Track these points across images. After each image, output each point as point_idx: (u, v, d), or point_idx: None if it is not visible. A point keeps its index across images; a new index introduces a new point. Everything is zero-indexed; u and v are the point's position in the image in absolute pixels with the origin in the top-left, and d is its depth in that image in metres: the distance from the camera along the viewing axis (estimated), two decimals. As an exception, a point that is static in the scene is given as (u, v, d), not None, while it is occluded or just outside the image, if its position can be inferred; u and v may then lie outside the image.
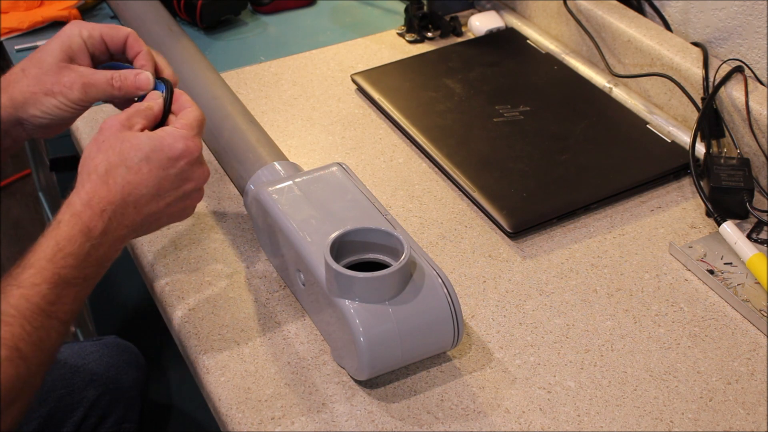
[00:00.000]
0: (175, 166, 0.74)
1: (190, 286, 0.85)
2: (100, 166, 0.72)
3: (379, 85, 1.11)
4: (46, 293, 0.68)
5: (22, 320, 0.66)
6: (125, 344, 1.15)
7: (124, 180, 0.72)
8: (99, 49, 0.81)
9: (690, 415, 0.74)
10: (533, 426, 0.73)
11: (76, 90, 0.78)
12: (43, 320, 0.67)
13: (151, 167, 0.73)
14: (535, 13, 1.23)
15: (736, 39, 1.03)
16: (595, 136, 1.02)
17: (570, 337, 0.80)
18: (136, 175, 0.72)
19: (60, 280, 0.69)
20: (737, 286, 0.84)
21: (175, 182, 0.74)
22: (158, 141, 0.73)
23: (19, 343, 0.66)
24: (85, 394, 1.05)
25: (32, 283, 0.68)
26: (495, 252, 0.89)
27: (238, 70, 1.17)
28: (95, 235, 0.70)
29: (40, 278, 0.68)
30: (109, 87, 0.78)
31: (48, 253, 0.69)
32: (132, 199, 0.72)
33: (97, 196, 0.71)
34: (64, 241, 0.69)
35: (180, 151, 0.74)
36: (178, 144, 0.74)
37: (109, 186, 0.71)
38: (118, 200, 0.71)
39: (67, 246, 0.69)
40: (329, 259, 0.71)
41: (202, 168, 0.76)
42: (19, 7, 1.26)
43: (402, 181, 0.99)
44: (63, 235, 0.69)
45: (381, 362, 0.72)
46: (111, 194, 0.71)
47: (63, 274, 0.69)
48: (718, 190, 0.92)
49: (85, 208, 0.70)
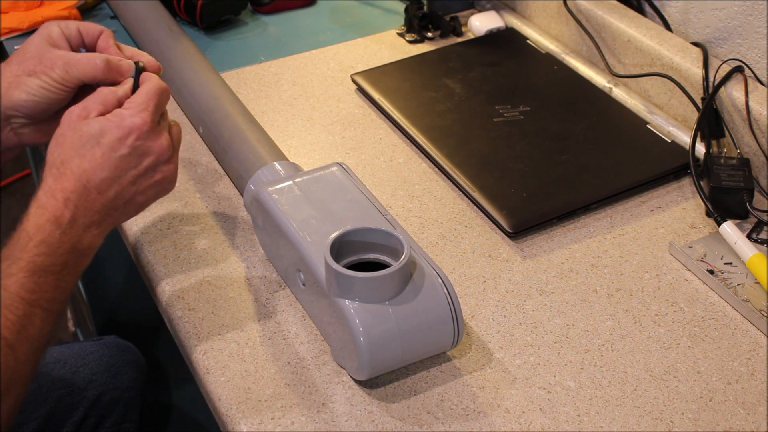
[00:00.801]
0: (125, 144, 0.74)
1: (190, 286, 0.85)
2: (57, 159, 0.73)
3: (379, 85, 1.11)
4: (23, 281, 0.69)
5: (4, 310, 0.67)
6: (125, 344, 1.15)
7: (79, 169, 0.73)
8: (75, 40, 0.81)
9: (690, 415, 0.74)
10: (533, 426, 0.73)
11: (58, 68, 0.78)
12: (24, 308, 0.68)
13: (104, 151, 0.73)
14: (535, 13, 1.23)
15: (736, 39, 1.03)
16: (595, 136, 1.02)
17: (570, 337, 0.80)
18: (90, 161, 0.73)
19: (36, 268, 0.69)
20: (737, 286, 0.84)
21: (132, 160, 0.74)
22: (105, 123, 0.73)
23: (4, 331, 0.66)
24: (85, 394, 1.05)
25: (8, 274, 0.69)
26: (495, 252, 0.89)
27: (238, 70, 1.17)
28: (64, 222, 0.71)
29: (16, 268, 0.69)
30: (93, 67, 0.78)
31: (20, 244, 0.70)
32: (93, 185, 0.73)
33: (58, 187, 0.72)
34: (32, 230, 0.70)
35: (127, 129, 0.74)
36: (124, 122, 0.74)
37: (67, 176, 0.72)
38: (78, 188, 0.72)
39: (36, 234, 0.70)
40: (329, 259, 0.71)
41: (159, 140, 0.76)
42: (19, 7, 1.26)
43: (402, 181, 0.98)
44: (31, 225, 0.71)
45: (381, 362, 0.72)
46: (70, 183, 0.72)
47: (38, 261, 0.70)
48: (718, 190, 0.92)
49: (49, 199, 0.72)
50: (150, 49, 1.15)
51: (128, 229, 0.92)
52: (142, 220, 0.93)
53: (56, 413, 1.02)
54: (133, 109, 0.74)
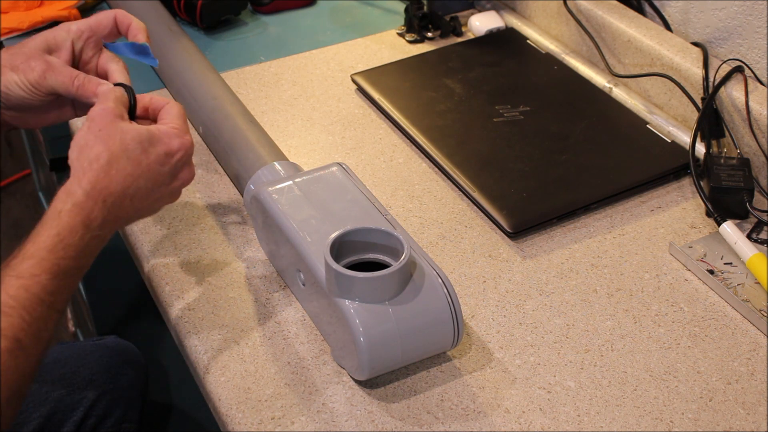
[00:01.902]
0: (170, 162, 0.75)
1: (190, 286, 0.85)
2: (101, 155, 0.72)
3: (379, 85, 1.11)
4: (46, 284, 0.68)
5: (22, 311, 0.66)
6: (125, 344, 1.15)
7: (125, 171, 0.72)
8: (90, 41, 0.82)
9: (690, 415, 0.74)
10: (533, 426, 0.73)
11: (37, 72, 0.78)
12: (42, 311, 0.67)
13: (150, 161, 0.74)
14: (535, 13, 1.23)
15: (736, 39, 1.03)
16: (595, 136, 1.02)
17: (570, 337, 0.80)
18: (137, 167, 0.73)
19: (59, 271, 0.69)
20: (737, 286, 0.84)
21: (167, 179, 0.76)
22: (156, 135, 0.74)
23: (19, 333, 0.65)
24: (85, 394, 1.05)
25: (32, 274, 0.67)
26: (495, 252, 0.89)
27: (238, 70, 1.17)
28: (95, 226, 0.71)
29: (40, 269, 0.68)
30: (69, 82, 0.78)
31: (49, 244, 0.69)
32: (131, 192, 0.73)
33: (99, 186, 0.71)
34: (65, 232, 0.69)
35: (176, 147, 0.75)
36: (174, 140, 0.75)
37: (111, 177, 0.72)
38: (119, 191, 0.72)
39: (68, 237, 0.69)
40: (329, 259, 0.71)
41: (190, 168, 0.78)
42: (19, 7, 1.26)
43: (402, 181, 0.99)
44: (64, 225, 0.69)
45: (381, 362, 0.72)
46: (113, 185, 0.72)
47: (62, 264, 0.69)
48: (718, 190, 0.92)
49: (87, 199, 0.70)
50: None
51: (128, 229, 0.92)
52: (143, 220, 0.92)
53: (56, 413, 1.02)
54: (178, 129, 0.76)
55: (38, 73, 0.78)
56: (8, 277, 0.67)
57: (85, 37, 0.82)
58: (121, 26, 0.83)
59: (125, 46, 0.82)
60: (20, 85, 0.78)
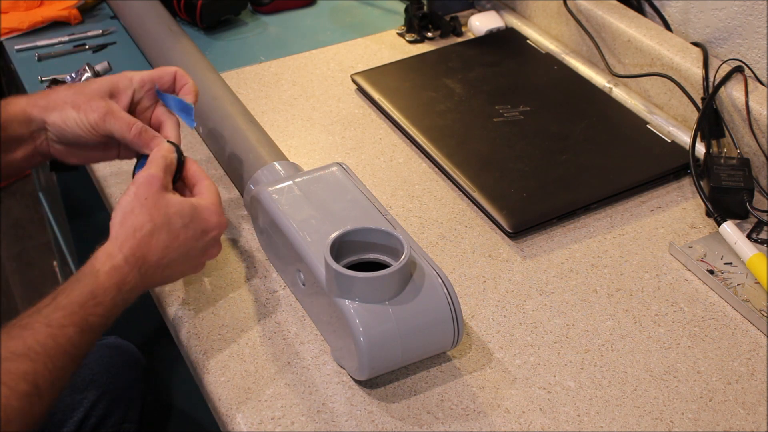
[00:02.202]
0: (204, 238, 0.78)
1: (190, 286, 0.85)
2: (145, 225, 0.75)
3: (379, 85, 1.11)
4: (72, 336, 0.69)
5: (46, 359, 0.67)
6: (125, 344, 1.15)
7: (164, 243, 0.75)
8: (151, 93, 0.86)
9: (690, 415, 0.74)
10: (533, 426, 0.73)
11: (97, 114, 0.81)
12: (65, 361, 0.69)
13: (188, 236, 0.77)
14: (535, 13, 1.23)
15: (736, 39, 1.03)
16: (595, 136, 1.02)
17: (570, 337, 0.80)
18: (174, 240, 0.76)
19: (87, 326, 0.71)
20: (737, 286, 0.84)
21: (199, 253, 0.79)
22: (197, 212, 0.77)
23: (40, 380, 0.67)
24: (86, 394, 1.05)
25: (61, 325, 0.69)
26: (495, 252, 0.89)
27: (238, 70, 1.17)
28: (126, 289, 0.73)
29: (70, 321, 0.70)
30: (126, 129, 0.82)
31: (81, 299, 0.71)
32: (165, 262, 0.76)
33: (138, 253, 0.74)
34: (99, 291, 0.72)
35: (213, 225, 0.78)
36: (212, 218, 0.78)
37: (151, 247, 0.75)
38: (154, 261, 0.75)
39: (101, 296, 0.72)
40: (329, 259, 0.71)
41: (219, 245, 0.81)
42: (19, 7, 1.26)
43: (402, 181, 0.99)
44: (100, 285, 0.72)
45: (381, 362, 0.72)
46: (151, 255, 0.75)
47: (90, 320, 0.71)
48: (718, 190, 0.92)
49: (126, 264, 0.73)
50: (150, 49, 1.15)
51: (128, 229, 0.92)
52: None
53: (56, 413, 1.02)
54: (216, 208, 0.79)
55: (99, 116, 0.81)
56: (39, 323, 0.69)
57: (147, 89, 0.85)
58: (178, 83, 0.86)
59: (173, 100, 0.85)
60: (78, 124, 0.81)
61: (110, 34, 1.25)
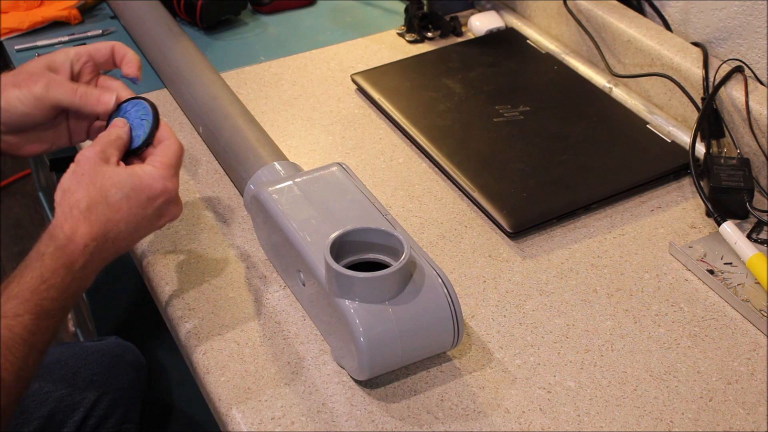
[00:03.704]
0: (153, 205, 0.76)
1: (190, 286, 0.85)
2: (81, 201, 0.73)
3: (379, 85, 1.11)
4: (28, 324, 0.69)
5: (6, 351, 0.67)
6: (126, 345, 1.15)
7: (105, 217, 0.73)
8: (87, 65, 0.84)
9: (690, 415, 0.74)
10: (533, 426, 0.73)
11: (40, 85, 0.79)
12: (24, 350, 0.69)
13: (131, 205, 0.74)
14: (535, 13, 1.23)
15: (736, 39, 1.03)
16: (595, 136, 1.02)
17: (570, 337, 0.80)
18: (116, 212, 0.74)
19: (42, 311, 0.70)
20: (737, 286, 0.84)
21: (151, 219, 0.77)
22: (138, 180, 0.75)
23: (2, 373, 0.67)
24: (86, 394, 1.05)
25: (15, 314, 0.69)
26: (495, 252, 0.89)
27: (238, 70, 1.17)
28: (76, 268, 0.72)
29: (23, 309, 0.69)
30: (71, 92, 0.80)
31: (32, 285, 0.70)
32: (112, 236, 0.74)
33: (79, 231, 0.72)
34: (48, 274, 0.71)
35: (159, 191, 0.76)
36: (157, 184, 0.76)
37: (91, 222, 0.73)
38: (99, 236, 0.73)
39: (50, 278, 0.71)
40: (329, 259, 0.71)
41: (177, 206, 0.79)
42: (19, 7, 1.26)
43: (402, 181, 0.99)
44: (47, 268, 0.71)
45: (381, 362, 0.72)
46: (93, 230, 0.73)
47: (45, 305, 0.70)
48: (718, 190, 0.92)
49: (69, 243, 0.72)
50: (150, 49, 1.15)
51: (128, 229, 0.93)
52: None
53: (57, 413, 1.02)
54: (165, 172, 0.76)
55: (41, 86, 0.80)
56: None
57: (83, 61, 0.84)
58: (117, 56, 0.85)
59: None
60: (22, 100, 0.79)
61: (110, 34, 1.25)
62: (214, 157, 1.01)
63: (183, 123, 1.07)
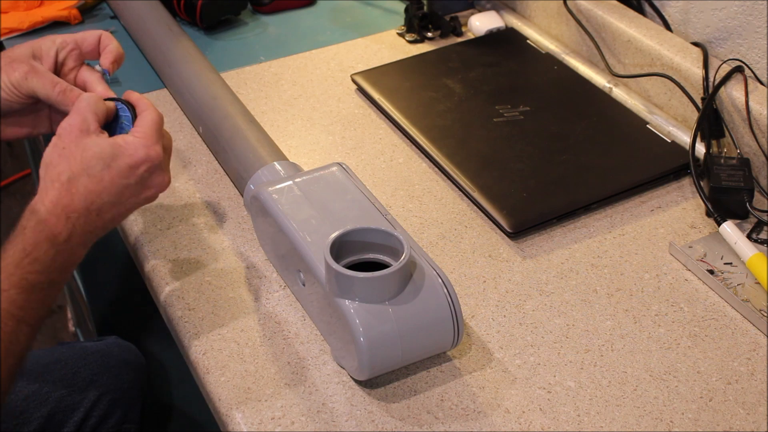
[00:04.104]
0: (135, 173, 0.75)
1: (190, 286, 0.85)
2: (62, 174, 0.73)
3: (379, 85, 1.11)
4: (15, 298, 0.69)
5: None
6: (126, 345, 1.15)
7: (86, 189, 0.73)
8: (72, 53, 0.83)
9: (690, 415, 0.74)
10: (533, 426, 0.73)
11: (19, 73, 0.79)
12: (13, 325, 0.68)
13: (113, 175, 0.74)
14: (535, 13, 1.23)
15: (736, 39, 1.03)
16: (595, 136, 1.02)
17: (570, 337, 0.80)
18: (98, 183, 0.73)
19: (28, 285, 0.70)
20: (737, 286, 0.84)
21: (136, 189, 0.76)
22: (118, 149, 0.75)
23: None
24: (86, 394, 1.05)
25: (1, 289, 0.68)
26: (495, 252, 0.89)
27: (238, 70, 1.17)
28: (60, 241, 0.72)
29: (8, 284, 0.69)
30: (50, 87, 0.80)
31: (15, 259, 0.70)
32: (95, 207, 0.74)
33: (60, 204, 0.72)
34: (30, 247, 0.70)
35: (140, 159, 0.75)
36: (138, 152, 0.75)
37: (72, 194, 0.73)
38: (81, 208, 0.73)
39: (33, 251, 0.70)
40: (329, 259, 0.71)
41: (163, 175, 0.78)
42: (19, 7, 1.26)
43: (402, 181, 0.99)
44: (29, 241, 0.71)
45: (381, 362, 0.72)
46: (74, 202, 0.73)
47: (30, 279, 0.70)
48: (718, 190, 0.92)
49: (50, 216, 0.72)
50: (150, 49, 1.15)
51: (128, 229, 0.93)
52: (142, 220, 0.93)
53: (57, 413, 1.02)
54: (146, 140, 0.76)
55: (20, 74, 0.79)
56: None
57: (69, 49, 0.83)
58: (101, 47, 0.84)
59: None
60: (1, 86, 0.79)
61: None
62: (213, 157, 1.01)
63: (183, 123, 1.07)
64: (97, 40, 0.84)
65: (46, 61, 0.82)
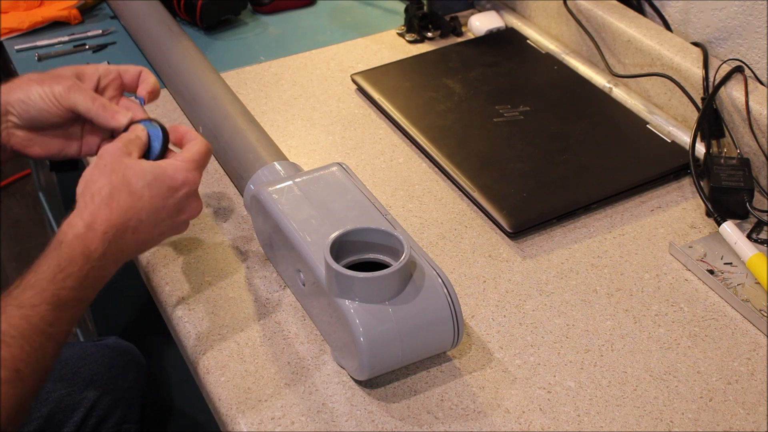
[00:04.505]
0: (175, 196, 0.77)
1: (190, 286, 0.85)
2: (103, 189, 0.74)
3: (379, 85, 1.11)
4: (45, 314, 0.68)
5: (22, 341, 0.67)
6: (126, 345, 1.15)
7: (126, 204, 0.74)
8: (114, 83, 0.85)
9: (690, 415, 0.74)
10: (533, 426, 0.73)
11: (62, 87, 0.80)
12: (42, 341, 0.68)
13: (153, 194, 0.75)
14: (535, 13, 1.23)
15: (736, 39, 1.03)
16: (595, 136, 1.02)
17: (570, 337, 0.80)
18: (138, 200, 0.74)
19: (59, 302, 0.69)
20: (737, 286, 0.84)
21: (172, 212, 0.77)
22: (160, 170, 0.76)
23: (19, 364, 0.66)
24: (86, 394, 1.05)
25: (32, 304, 0.68)
26: (495, 252, 0.89)
27: (238, 70, 1.17)
28: (95, 257, 0.72)
29: (40, 299, 0.69)
30: (90, 101, 0.81)
31: (49, 274, 0.70)
32: (132, 224, 0.74)
33: (99, 218, 0.72)
34: (65, 262, 0.70)
35: (180, 182, 0.77)
36: (179, 175, 0.77)
37: (112, 209, 0.73)
38: (119, 224, 0.73)
39: (68, 267, 0.70)
40: (329, 259, 0.71)
41: (198, 202, 0.80)
42: (19, 7, 1.26)
43: (402, 181, 0.99)
44: (65, 256, 0.70)
45: (381, 362, 0.72)
46: (113, 217, 0.73)
47: (62, 295, 0.70)
48: (718, 190, 0.92)
49: (88, 230, 0.72)
50: (150, 49, 1.15)
51: (128, 229, 0.92)
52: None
53: (57, 413, 1.02)
54: (188, 165, 0.77)
55: (64, 88, 0.80)
56: (10, 306, 0.68)
57: (111, 77, 0.85)
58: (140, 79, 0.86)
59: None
60: (42, 96, 0.80)
61: (110, 34, 1.25)
62: (214, 157, 1.01)
63: (183, 123, 1.07)
64: (138, 73, 0.86)
65: (88, 83, 0.83)
